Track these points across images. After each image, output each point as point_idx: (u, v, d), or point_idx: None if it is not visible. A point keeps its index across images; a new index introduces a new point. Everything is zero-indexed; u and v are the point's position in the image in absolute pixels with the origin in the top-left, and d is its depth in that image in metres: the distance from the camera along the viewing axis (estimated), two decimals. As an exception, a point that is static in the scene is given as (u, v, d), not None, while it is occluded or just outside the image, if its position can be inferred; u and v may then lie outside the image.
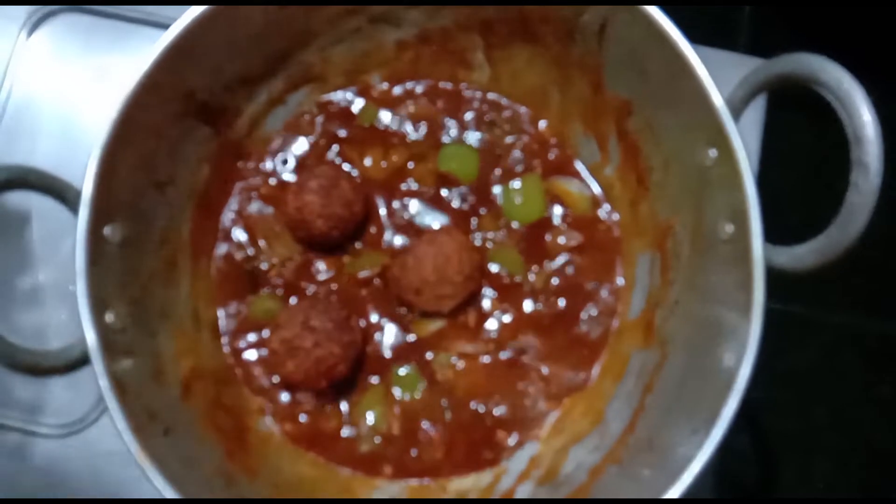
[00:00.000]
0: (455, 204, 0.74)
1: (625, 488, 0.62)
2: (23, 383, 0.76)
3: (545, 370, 0.71)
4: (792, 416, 0.93)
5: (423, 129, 0.76)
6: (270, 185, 0.75)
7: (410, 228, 0.74)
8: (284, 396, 0.70)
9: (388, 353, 0.71)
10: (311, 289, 0.72)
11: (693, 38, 0.60)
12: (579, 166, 0.75)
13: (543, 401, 0.71)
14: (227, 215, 0.74)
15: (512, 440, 0.70)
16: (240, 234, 0.73)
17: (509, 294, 0.73)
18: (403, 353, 0.71)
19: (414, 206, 0.74)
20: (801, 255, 0.56)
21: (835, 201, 0.55)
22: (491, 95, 0.77)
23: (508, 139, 0.76)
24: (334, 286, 0.72)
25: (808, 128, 0.89)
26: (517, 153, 0.76)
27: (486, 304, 0.72)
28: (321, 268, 0.73)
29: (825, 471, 0.93)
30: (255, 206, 0.74)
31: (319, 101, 0.76)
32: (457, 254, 0.68)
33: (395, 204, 0.74)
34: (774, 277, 0.57)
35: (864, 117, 0.52)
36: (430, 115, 0.76)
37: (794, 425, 0.94)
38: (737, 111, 0.60)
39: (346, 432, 0.70)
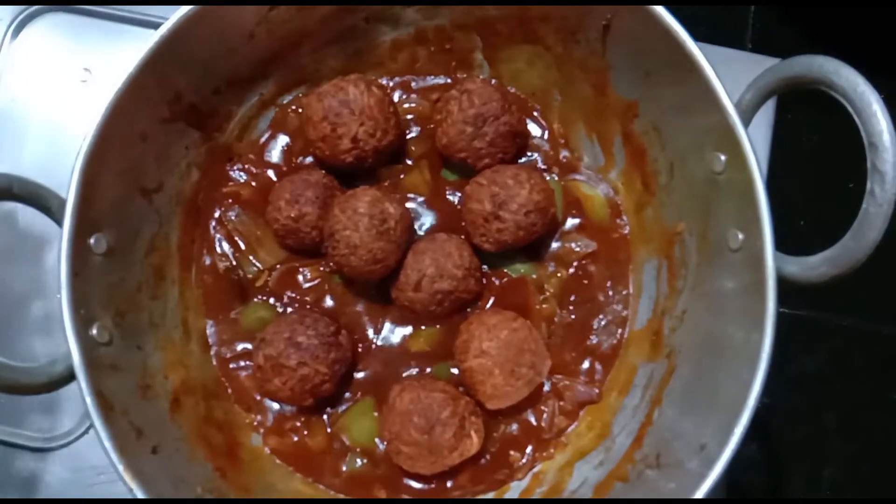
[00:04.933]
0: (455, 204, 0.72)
1: (631, 506, 0.60)
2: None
3: (559, 384, 0.69)
4: (801, 420, 0.92)
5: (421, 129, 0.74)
6: (252, 186, 0.72)
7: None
8: (273, 410, 0.68)
9: (379, 368, 0.69)
10: (300, 295, 0.70)
11: (698, 36, 0.58)
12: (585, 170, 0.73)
13: (559, 417, 0.68)
14: (210, 222, 0.71)
15: (525, 460, 0.68)
16: (222, 241, 0.71)
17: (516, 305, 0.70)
18: (395, 366, 0.69)
19: (412, 208, 0.72)
20: (815, 266, 0.54)
21: (848, 205, 0.53)
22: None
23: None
24: (327, 288, 0.70)
25: (820, 128, 0.87)
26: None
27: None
28: (308, 275, 0.70)
29: (834, 476, 0.91)
30: (236, 211, 0.71)
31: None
32: (457, 250, 0.66)
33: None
34: (784, 281, 0.55)
35: (880, 124, 0.50)
36: (427, 114, 0.74)
37: (803, 430, 0.92)
38: (747, 115, 0.58)
39: (333, 449, 0.67)
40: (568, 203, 0.72)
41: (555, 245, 0.71)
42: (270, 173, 0.72)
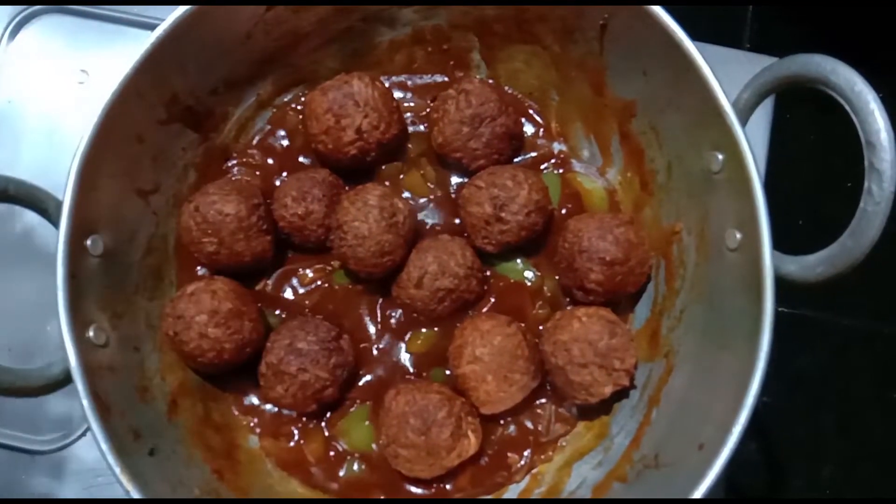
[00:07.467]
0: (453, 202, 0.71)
1: (630, 507, 0.60)
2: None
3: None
4: (800, 420, 0.92)
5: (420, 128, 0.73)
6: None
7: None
8: (270, 413, 0.68)
9: (379, 372, 0.68)
10: (299, 299, 0.70)
11: (697, 35, 0.58)
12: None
13: (556, 424, 0.68)
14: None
15: (523, 462, 0.67)
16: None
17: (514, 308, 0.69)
18: (394, 370, 0.68)
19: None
20: (812, 265, 0.54)
21: (846, 204, 0.53)
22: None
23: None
24: (327, 289, 0.70)
25: (818, 127, 0.87)
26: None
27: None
28: (308, 276, 0.70)
29: (833, 475, 0.91)
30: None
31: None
32: (460, 249, 0.66)
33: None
34: (782, 281, 0.55)
35: (878, 123, 0.49)
36: (424, 114, 0.74)
37: (803, 430, 0.92)
38: (744, 115, 0.57)
39: (331, 453, 0.67)
40: (566, 196, 0.71)
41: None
42: (268, 171, 0.72)
